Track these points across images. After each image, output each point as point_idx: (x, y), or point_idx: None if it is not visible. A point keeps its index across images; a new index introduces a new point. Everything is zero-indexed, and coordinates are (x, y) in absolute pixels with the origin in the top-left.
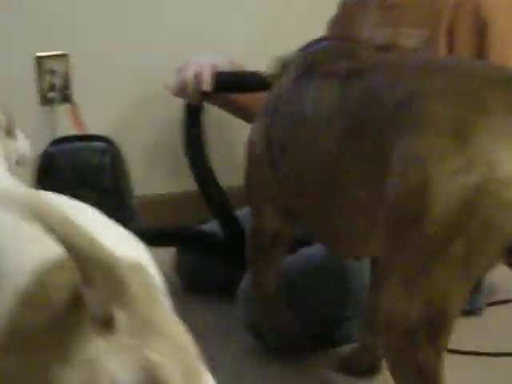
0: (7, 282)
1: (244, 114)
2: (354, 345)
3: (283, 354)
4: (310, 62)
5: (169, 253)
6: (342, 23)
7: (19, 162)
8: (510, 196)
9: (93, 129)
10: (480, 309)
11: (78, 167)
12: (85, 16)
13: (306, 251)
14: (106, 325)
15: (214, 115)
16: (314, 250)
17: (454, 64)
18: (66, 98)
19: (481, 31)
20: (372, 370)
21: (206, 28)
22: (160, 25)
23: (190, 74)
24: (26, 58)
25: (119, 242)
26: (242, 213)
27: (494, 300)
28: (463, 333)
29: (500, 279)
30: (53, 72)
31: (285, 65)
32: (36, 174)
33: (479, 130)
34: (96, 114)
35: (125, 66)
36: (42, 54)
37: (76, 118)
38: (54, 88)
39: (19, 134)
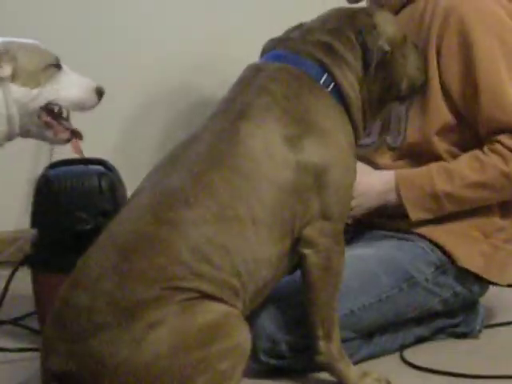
0: None
1: None
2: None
3: None
4: None
5: None
6: None
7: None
8: None
9: (89, 152)
10: (478, 331)
11: (75, 191)
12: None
13: None
14: None
15: None
16: None
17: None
18: None
19: (465, 48)
20: None
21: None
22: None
23: None
24: None
25: None
26: None
27: (491, 322)
28: (460, 355)
29: (498, 301)
30: None
31: None
32: (34, 197)
33: None
34: (92, 137)
35: (120, 89)
36: None
37: (74, 142)
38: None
39: (64, 78)
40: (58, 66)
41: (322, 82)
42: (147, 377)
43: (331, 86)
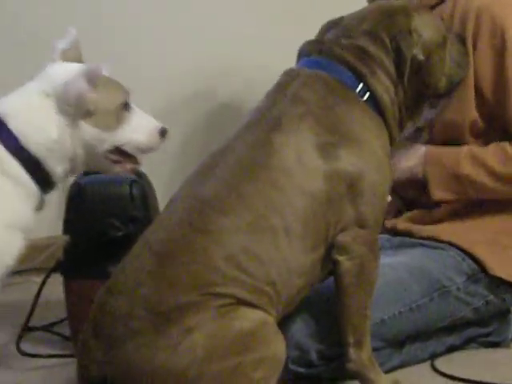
0: None
1: None
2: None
3: None
4: None
5: None
6: None
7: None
8: None
9: None
10: (510, 340)
11: (107, 198)
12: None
13: None
14: None
15: None
16: None
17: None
18: None
19: (498, 48)
20: None
21: None
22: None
23: None
24: None
25: None
26: None
27: None
28: (492, 364)
29: None
30: None
31: None
32: (66, 204)
33: None
34: None
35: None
36: None
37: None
38: None
39: (133, 121)
40: (127, 105)
41: (357, 91)
42: (182, 382)
43: (367, 95)
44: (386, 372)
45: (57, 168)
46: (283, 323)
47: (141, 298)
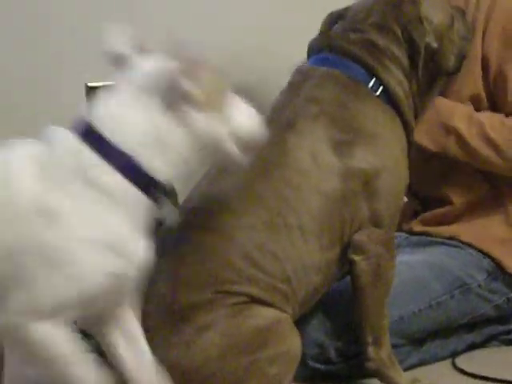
0: None
1: None
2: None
3: None
4: None
5: None
6: None
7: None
8: None
9: None
10: None
11: None
12: None
13: None
14: None
15: None
16: None
17: None
18: None
19: (506, 40)
20: None
21: None
22: None
23: None
24: (77, 88)
25: None
26: None
27: None
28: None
29: None
30: None
31: None
32: None
33: None
34: None
35: None
36: (93, 84)
37: None
38: None
39: (236, 106)
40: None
41: (370, 86)
42: (197, 379)
43: (380, 90)
44: (406, 370)
45: (164, 169)
46: (301, 321)
47: (156, 296)
